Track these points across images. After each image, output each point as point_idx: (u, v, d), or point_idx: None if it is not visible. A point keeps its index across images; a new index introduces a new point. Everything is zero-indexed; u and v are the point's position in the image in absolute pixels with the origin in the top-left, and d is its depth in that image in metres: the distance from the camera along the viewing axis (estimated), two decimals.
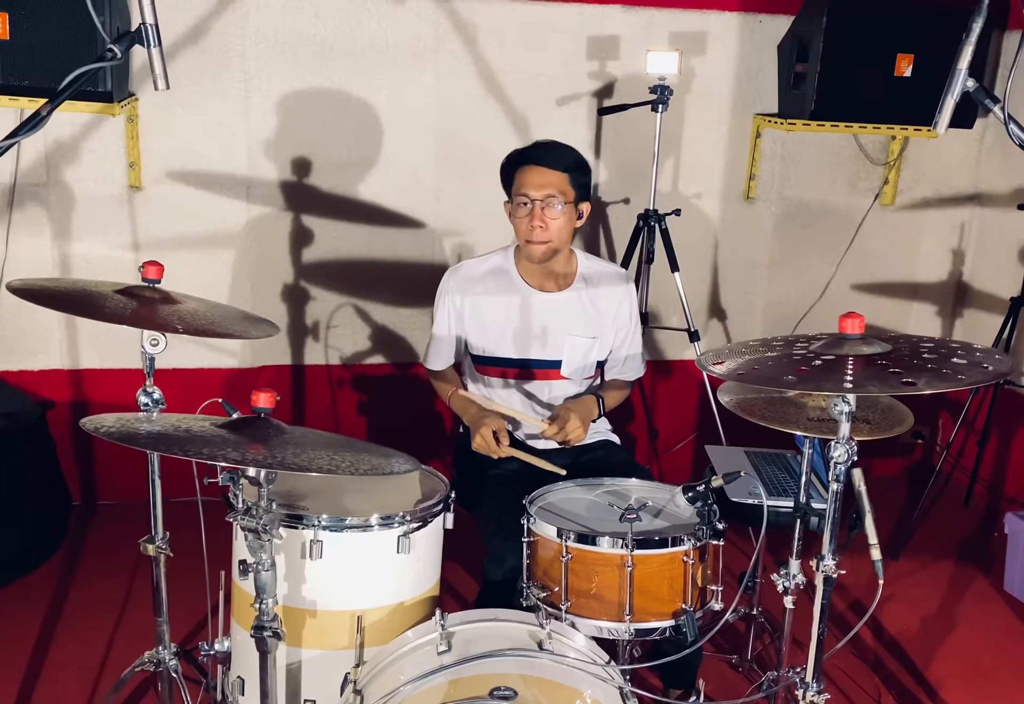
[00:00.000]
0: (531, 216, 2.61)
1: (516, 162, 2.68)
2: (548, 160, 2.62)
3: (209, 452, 1.60)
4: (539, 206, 2.60)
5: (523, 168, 2.64)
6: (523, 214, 2.62)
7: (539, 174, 2.61)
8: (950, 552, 3.80)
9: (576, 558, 2.14)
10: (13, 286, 1.99)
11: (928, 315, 4.41)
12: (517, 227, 2.67)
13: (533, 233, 2.62)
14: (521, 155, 2.68)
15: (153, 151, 3.61)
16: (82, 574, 3.40)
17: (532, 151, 2.68)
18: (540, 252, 2.67)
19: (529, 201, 2.61)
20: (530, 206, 2.61)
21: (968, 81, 1.72)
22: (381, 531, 2.12)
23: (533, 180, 2.61)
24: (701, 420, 4.23)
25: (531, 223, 2.61)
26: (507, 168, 2.71)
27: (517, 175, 2.65)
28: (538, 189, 2.60)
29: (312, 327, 3.94)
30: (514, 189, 2.66)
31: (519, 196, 2.62)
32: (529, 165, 2.63)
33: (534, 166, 2.62)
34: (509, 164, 2.70)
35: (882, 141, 4.13)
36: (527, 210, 2.61)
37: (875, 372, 1.69)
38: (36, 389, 3.74)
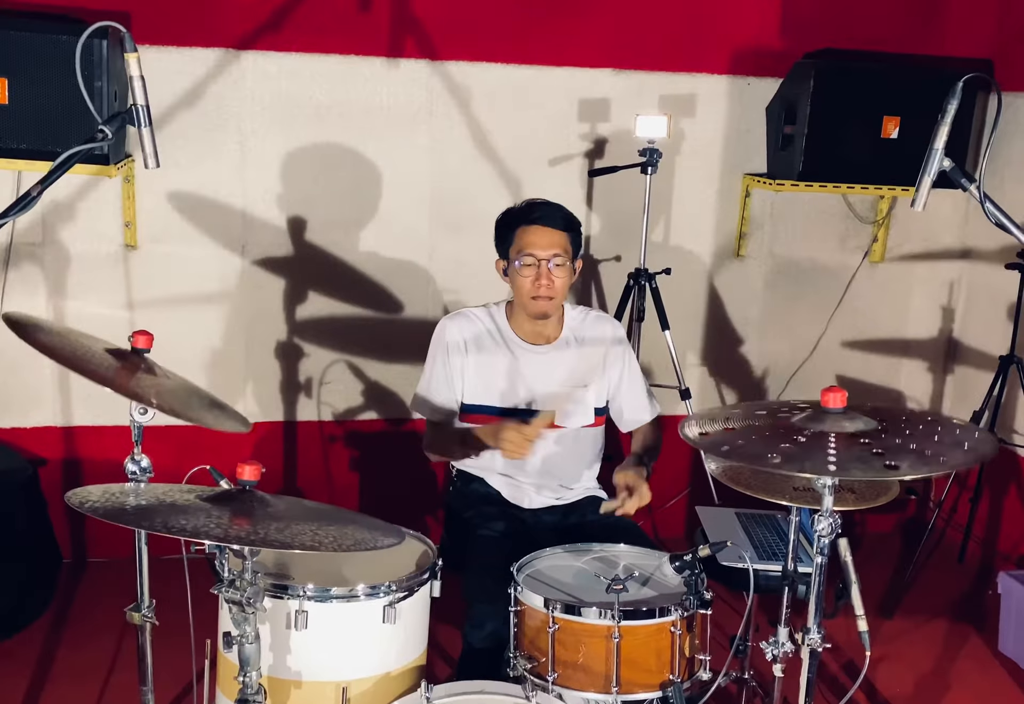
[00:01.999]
0: (538, 275, 2.65)
1: (517, 221, 2.70)
2: (552, 220, 2.68)
3: (192, 529, 1.61)
4: (545, 265, 2.64)
5: (527, 228, 2.67)
6: (529, 273, 2.65)
7: (545, 234, 2.66)
8: (944, 611, 3.78)
9: (563, 628, 2.14)
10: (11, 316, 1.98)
11: (919, 371, 4.42)
12: (520, 285, 2.69)
13: (540, 291, 2.66)
14: (522, 215, 2.71)
15: (149, 210, 3.64)
16: (71, 634, 3.37)
17: (534, 212, 2.70)
18: (545, 309, 2.71)
19: (536, 261, 2.64)
20: (536, 266, 2.64)
21: (945, 161, 1.75)
22: (367, 601, 2.12)
23: (540, 240, 2.65)
24: (694, 476, 4.23)
25: (538, 282, 2.65)
26: (506, 227, 2.73)
27: (519, 234, 2.68)
28: (545, 249, 2.64)
29: (305, 383, 3.95)
30: (516, 248, 2.68)
31: (524, 256, 2.65)
32: (534, 225, 2.67)
33: (540, 226, 2.66)
34: (508, 223, 2.73)
35: (870, 200, 4.18)
36: (533, 270, 2.65)
37: (858, 452, 1.70)
38: (28, 446, 3.74)
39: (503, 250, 2.74)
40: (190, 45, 3.54)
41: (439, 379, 2.80)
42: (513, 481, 2.83)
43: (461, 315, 2.82)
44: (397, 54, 3.67)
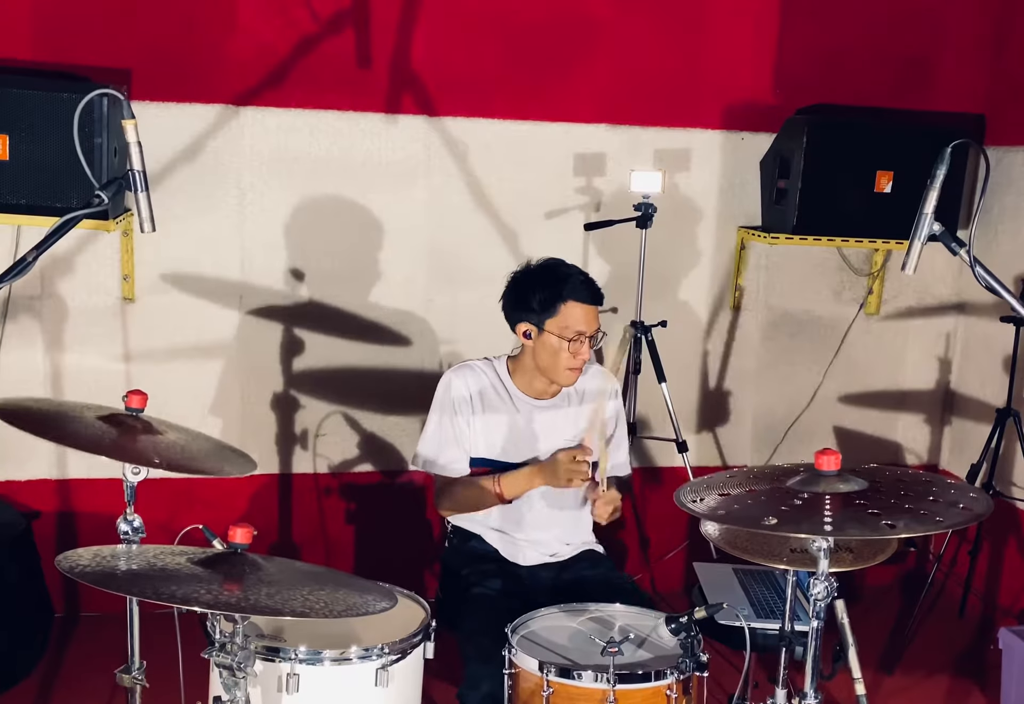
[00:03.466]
0: (580, 351, 2.66)
1: (563, 295, 2.66)
2: (598, 300, 2.71)
3: (183, 595, 1.59)
4: (590, 341, 2.68)
5: (575, 304, 2.66)
6: (574, 348, 2.66)
7: (593, 312, 2.69)
8: (945, 666, 3.74)
9: (557, 692, 2.11)
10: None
11: (916, 423, 4.42)
12: (559, 357, 2.67)
13: (579, 363, 2.68)
14: (569, 291, 2.66)
15: (147, 263, 3.66)
16: (61, 693, 3.33)
17: (581, 289, 2.67)
18: (577, 377, 2.74)
19: (584, 338, 2.66)
20: (581, 341, 2.66)
21: (935, 225, 1.77)
22: (360, 664, 2.09)
23: (585, 317, 2.66)
24: (692, 528, 4.19)
25: (579, 356, 2.67)
26: (545, 298, 2.67)
27: (566, 310, 2.65)
28: (589, 325, 2.67)
29: (301, 435, 3.94)
30: (562, 323, 2.65)
31: (574, 332, 2.64)
32: (583, 304, 2.66)
33: (589, 305, 2.67)
34: (550, 292, 2.67)
35: (865, 253, 4.20)
36: (579, 346, 2.66)
37: (853, 512, 1.69)
38: (22, 499, 3.72)
39: (535, 317, 2.68)
40: (190, 101, 3.58)
41: (447, 436, 2.77)
42: (509, 538, 2.82)
43: (467, 367, 2.81)
44: (395, 110, 3.71)
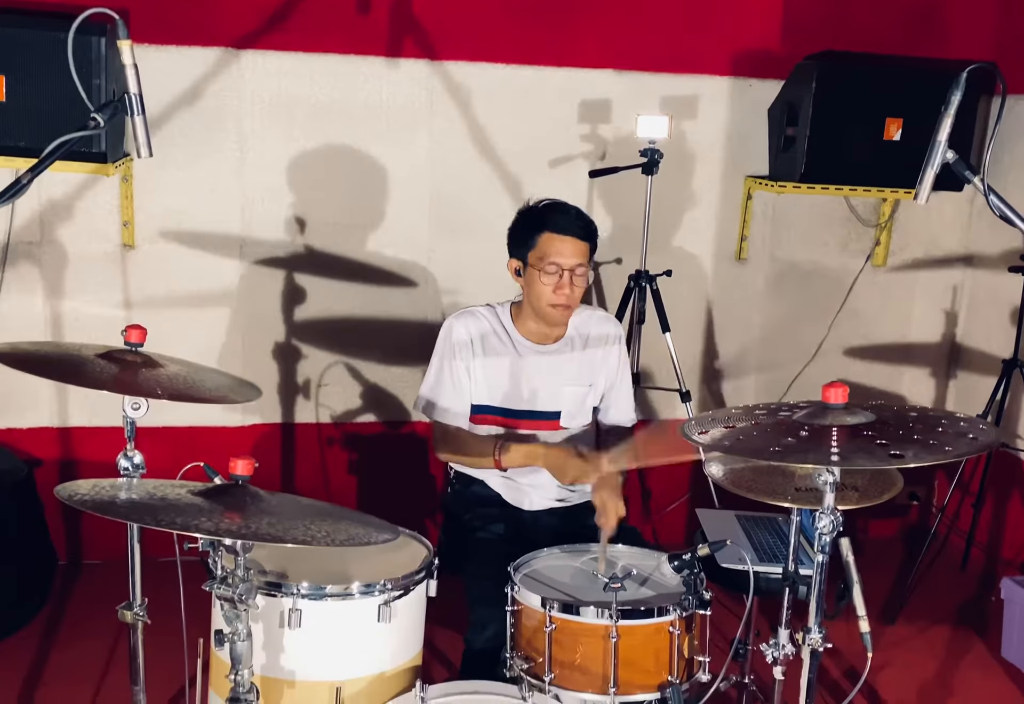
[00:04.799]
0: (559, 285, 2.61)
1: (541, 226, 2.63)
2: (578, 231, 2.62)
3: (183, 522, 1.58)
4: (568, 275, 2.60)
5: (552, 235, 2.61)
6: (550, 282, 2.61)
7: (571, 244, 2.61)
8: (947, 617, 3.74)
9: (560, 628, 2.11)
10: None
11: (922, 377, 4.39)
12: (539, 292, 2.64)
13: (560, 300, 2.63)
14: (548, 221, 2.63)
15: (147, 210, 3.63)
16: (65, 636, 3.35)
17: (560, 220, 2.63)
18: (563, 317, 2.69)
19: (560, 270, 2.60)
20: (559, 275, 2.61)
21: (948, 153, 1.73)
22: (362, 599, 2.09)
23: (565, 249, 2.60)
24: (694, 480, 4.19)
25: (560, 291, 2.61)
26: (527, 229, 2.66)
27: (544, 241, 2.61)
28: (569, 259, 2.60)
29: (303, 385, 3.93)
30: (538, 254, 2.62)
31: (549, 264, 2.60)
32: (561, 234, 2.61)
33: (567, 236, 2.61)
34: (531, 226, 2.66)
35: (873, 203, 4.15)
36: (555, 278, 2.61)
37: (861, 443, 1.67)
38: (24, 447, 3.71)
39: (521, 252, 2.67)
40: (189, 44, 3.52)
41: (447, 381, 2.75)
42: (513, 483, 2.80)
43: (468, 313, 2.78)
44: (397, 54, 3.66)
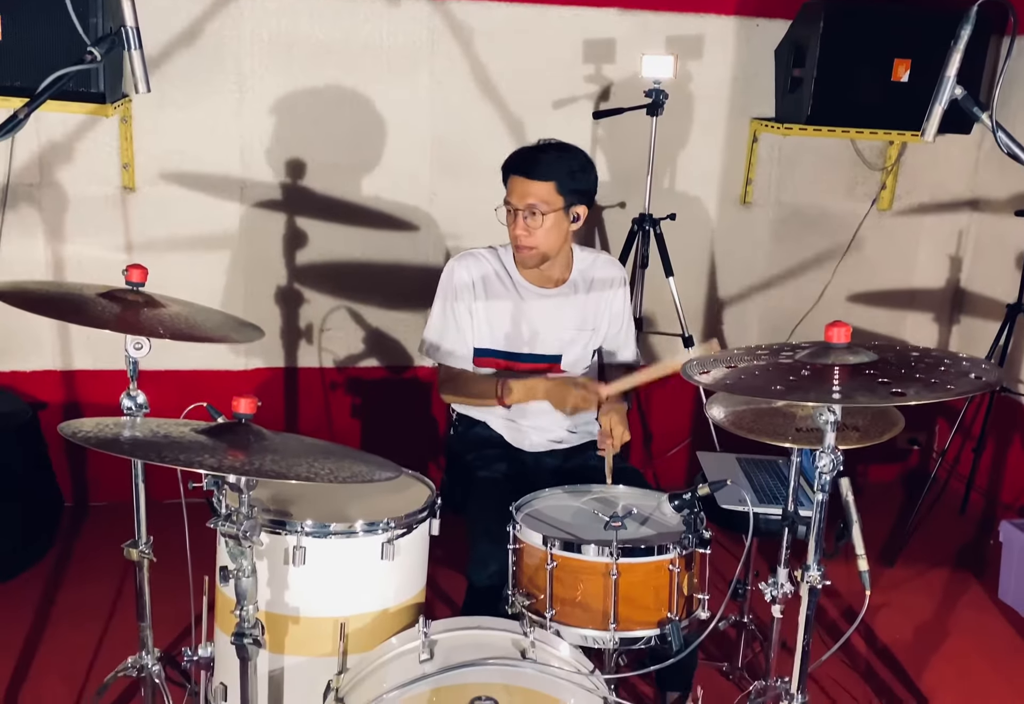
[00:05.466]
0: (514, 224, 2.63)
1: (507, 169, 2.67)
2: (531, 171, 2.60)
3: (186, 458, 1.59)
4: (521, 215, 2.61)
5: (511, 176, 2.64)
6: (509, 221, 2.65)
7: (521, 184, 2.61)
8: (945, 560, 3.78)
9: (561, 566, 2.13)
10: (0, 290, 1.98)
11: (925, 322, 4.39)
12: (508, 232, 2.68)
13: (519, 239, 2.64)
14: (512, 161, 2.67)
15: (147, 152, 3.60)
16: (71, 576, 3.39)
17: (516, 160, 2.66)
18: (528, 257, 2.68)
19: (512, 209, 2.62)
20: (513, 214, 2.62)
21: (956, 89, 1.71)
22: (365, 537, 2.10)
23: (515, 189, 2.62)
24: (695, 425, 4.21)
25: (515, 231, 2.63)
26: (503, 172, 2.69)
27: (510, 181, 2.65)
28: (520, 199, 2.61)
29: (305, 330, 3.93)
30: (507, 194, 2.66)
31: (506, 204, 2.64)
32: (515, 175, 2.63)
33: (518, 176, 2.62)
34: (504, 169, 2.69)
35: (879, 146, 4.11)
36: (511, 218, 2.63)
37: (863, 382, 1.67)
38: (28, 390, 3.72)
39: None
40: None
41: (450, 323, 2.75)
42: (515, 424, 2.81)
43: (470, 256, 2.78)
44: None
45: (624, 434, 2.56)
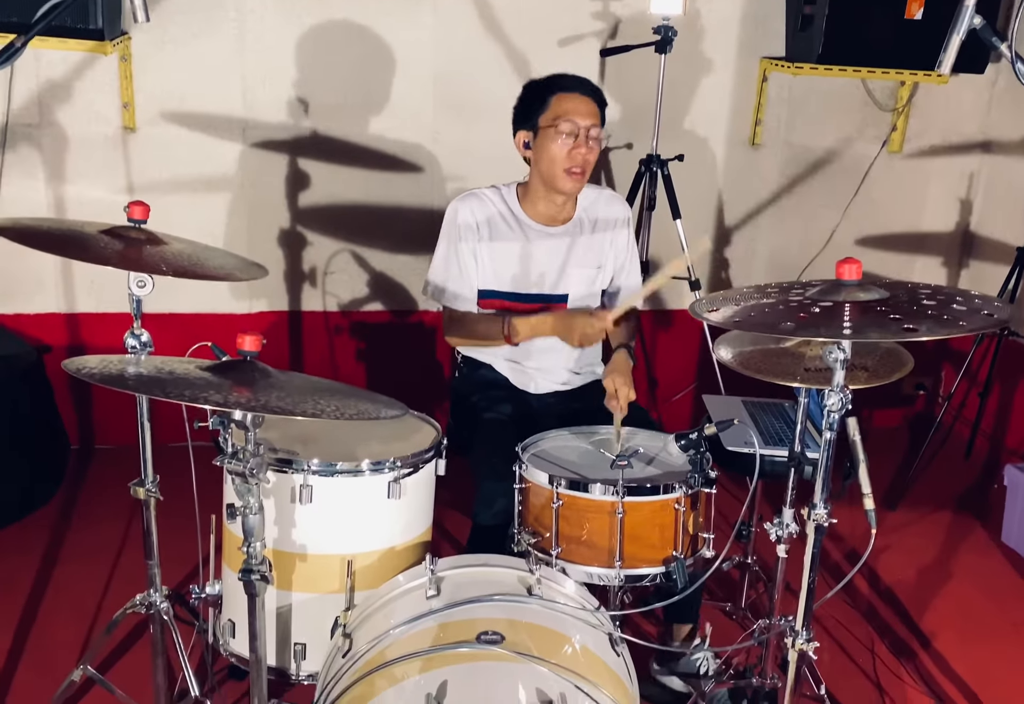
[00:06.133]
0: (576, 144, 2.55)
1: (553, 88, 2.58)
2: (590, 91, 2.58)
3: (192, 394, 1.58)
4: (584, 134, 2.55)
5: (565, 95, 2.56)
6: (566, 143, 2.55)
7: (585, 103, 2.56)
8: (948, 504, 3.79)
9: (567, 504, 2.13)
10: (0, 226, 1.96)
11: (934, 266, 4.35)
12: (554, 155, 2.57)
13: (576, 160, 2.56)
14: (559, 82, 2.60)
15: (147, 91, 3.54)
16: (79, 518, 3.41)
17: (570, 80, 2.60)
18: (577, 186, 2.64)
19: (577, 128, 2.54)
20: (575, 134, 2.54)
21: (975, 18, 1.66)
22: (372, 476, 2.11)
23: (580, 108, 2.55)
24: (701, 370, 4.20)
25: (577, 150, 2.55)
26: (537, 93, 2.60)
27: (557, 101, 2.56)
28: (585, 117, 2.54)
29: (309, 273, 3.90)
30: (552, 114, 2.56)
31: (565, 122, 2.53)
32: (573, 93, 2.56)
33: (579, 95, 2.56)
34: (541, 90, 2.60)
35: (891, 86, 4.04)
36: (570, 140, 2.55)
37: (874, 318, 1.65)
38: (32, 332, 3.71)
39: (531, 120, 2.60)
40: None
41: (454, 266, 2.71)
42: (519, 366, 2.80)
43: (473, 196, 2.72)
44: None
45: (630, 393, 2.54)
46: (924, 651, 2.87)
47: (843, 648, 2.85)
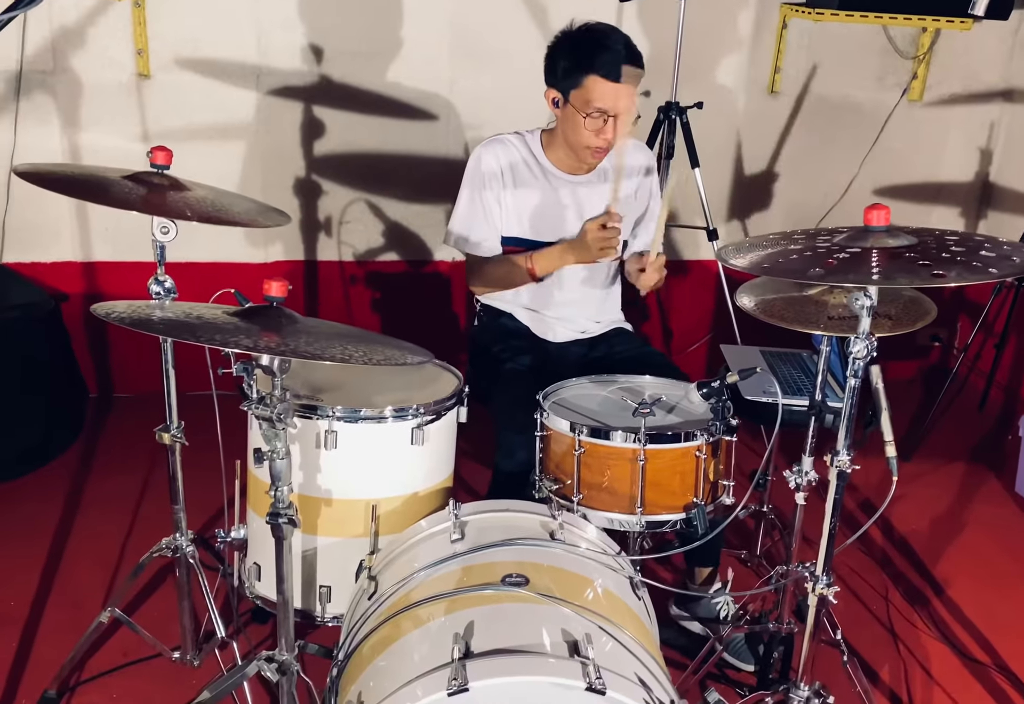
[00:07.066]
0: (603, 129, 2.50)
1: (587, 66, 2.44)
2: (629, 73, 2.44)
3: (222, 339, 1.58)
4: (612, 121, 2.48)
5: (599, 79, 2.44)
6: (594, 126, 2.49)
7: (622, 91, 2.44)
8: (963, 454, 3.81)
9: (589, 452, 2.14)
10: (21, 170, 1.95)
11: (951, 216, 4.33)
12: (579, 134, 2.52)
13: (601, 143, 2.53)
14: (597, 62, 2.43)
15: (161, 37, 3.51)
16: (99, 465, 3.44)
17: (610, 60, 2.43)
18: (600, 158, 2.61)
19: (605, 116, 2.48)
20: (604, 120, 2.49)
21: None
22: (395, 423, 2.12)
23: (613, 95, 2.44)
24: (716, 321, 4.20)
25: (602, 135, 2.51)
26: (572, 65, 2.47)
27: (589, 83, 2.45)
28: (617, 103, 2.46)
29: (325, 222, 3.89)
30: (583, 97, 2.46)
31: (594, 109, 2.46)
32: (609, 80, 2.43)
33: (618, 83, 2.43)
34: (576, 62, 2.46)
35: (912, 33, 3.98)
36: (598, 123, 2.49)
37: (902, 264, 1.64)
38: (49, 281, 3.72)
39: (562, 85, 2.51)
40: None
41: (478, 213, 2.68)
42: (539, 315, 2.80)
43: (497, 142, 2.69)
44: None
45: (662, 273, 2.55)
46: (937, 598, 2.90)
47: (857, 595, 2.88)
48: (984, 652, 2.67)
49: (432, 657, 1.64)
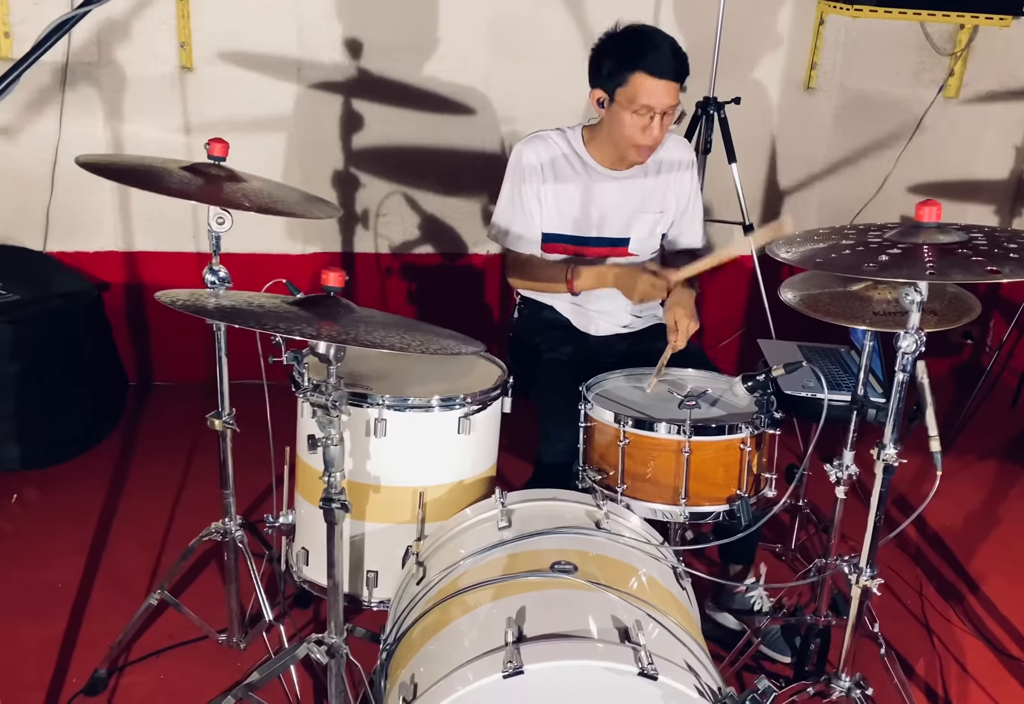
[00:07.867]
0: (648, 126, 2.52)
1: (632, 64, 2.47)
2: (674, 72, 2.47)
3: (286, 327, 1.62)
4: (658, 118, 2.51)
5: (645, 77, 2.46)
6: (639, 123, 2.52)
7: (665, 87, 2.47)
8: (995, 451, 3.81)
9: (633, 443, 2.17)
10: (82, 161, 1.99)
11: (986, 214, 4.32)
12: (623, 131, 2.54)
13: (647, 141, 2.54)
14: (642, 60, 2.46)
15: (204, 31, 3.55)
16: (140, 453, 3.49)
17: (656, 58, 2.46)
18: (644, 157, 2.62)
19: (652, 113, 2.50)
20: (650, 117, 2.51)
21: None
22: (442, 412, 2.15)
23: (659, 92, 2.47)
24: (750, 315, 4.21)
25: (647, 132, 2.53)
26: (617, 65, 2.50)
27: (634, 81, 2.47)
28: (662, 100, 2.48)
29: (362, 215, 3.93)
30: (629, 95, 2.48)
31: (640, 106, 2.48)
32: (654, 78, 2.46)
33: (661, 80, 2.46)
34: (621, 62, 2.49)
35: (949, 30, 3.98)
36: (644, 120, 2.51)
37: (956, 260, 1.66)
38: (91, 270, 3.77)
39: (607, 85, 2.53)
40: None
41: (518, 207, 2.71)
42: (581, 308, 2.82)
43: (538, 138, 2.72)
44: None
45: (691, 325, 2.51)
46: (972, 594, 2.91)
47: (892, 590, 2.89)
48: (1020, 648, 2.68)
49: (483, 641, 1.67)
